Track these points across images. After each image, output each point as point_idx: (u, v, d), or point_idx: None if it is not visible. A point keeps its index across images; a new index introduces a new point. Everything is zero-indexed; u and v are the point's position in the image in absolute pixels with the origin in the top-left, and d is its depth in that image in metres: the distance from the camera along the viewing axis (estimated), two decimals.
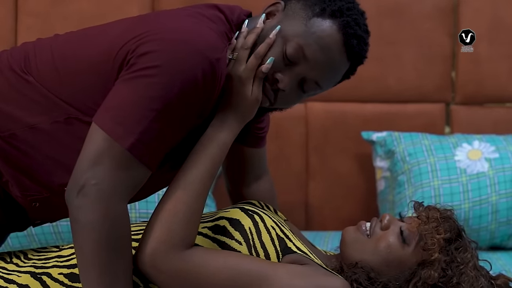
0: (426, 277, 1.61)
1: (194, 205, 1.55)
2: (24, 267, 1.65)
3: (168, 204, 1.54)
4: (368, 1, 2.80)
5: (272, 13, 1.64)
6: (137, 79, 1.48)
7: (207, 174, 1.58)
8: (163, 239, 1.51)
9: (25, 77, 1.60)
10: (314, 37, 1.58)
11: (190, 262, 1.52)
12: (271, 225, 1.66)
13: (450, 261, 1.63)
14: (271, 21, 1.63)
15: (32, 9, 2.91)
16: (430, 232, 1.65)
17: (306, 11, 1.60)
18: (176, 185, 1.56)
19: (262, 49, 1.59)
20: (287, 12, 1.62)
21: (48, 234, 2.42)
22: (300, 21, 1.59)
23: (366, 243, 1.68)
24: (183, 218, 1.53)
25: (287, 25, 1.60)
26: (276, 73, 1.60)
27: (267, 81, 1.62)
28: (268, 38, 1.60)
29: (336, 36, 1.59)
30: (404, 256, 1.65)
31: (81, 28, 1.72)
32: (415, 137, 2.75)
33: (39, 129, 1.57)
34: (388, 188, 2.75)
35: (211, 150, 1.59)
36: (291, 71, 1.60)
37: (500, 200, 2.55)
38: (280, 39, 1.59)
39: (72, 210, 1.46)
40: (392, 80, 2.91)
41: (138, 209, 2.43)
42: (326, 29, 1.59)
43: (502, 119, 2.93)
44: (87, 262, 1.47)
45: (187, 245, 1.53)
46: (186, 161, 1.59)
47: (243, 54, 1.60)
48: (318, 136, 2.93)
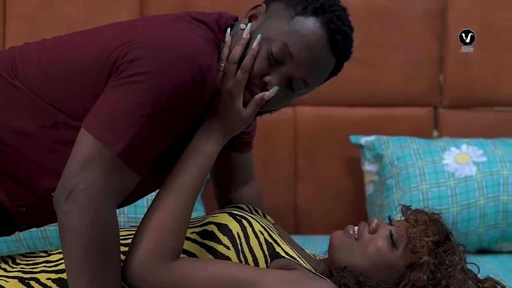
0: (415, 280, 1.62)
1: (181, 217, 1.55)
2: (12, 272, 1.64)
3: (155, 215, 1.54)
4: (357, 5, 2.84)
5: (254, 16, 1.65)
6: (127, 85, 1.48)
7: (193, 185, 1.58)
8: (150, 250, 1.51)
9: (12, 82, 1.60)
10: (298, 35, 1.59)
11: (177, 274, 1.52)
12: (259, 230, 1.66)
13: (438, 264, 1.64)
14: (254, 23, 1.64)
15: (20, 13, 2.90)
16: (418, 235, 1.66)
17: (288, 10, 1.60)
18: (162, 195, 1.57)
19: (248, 62, 1.60)
20: (269, 14, 1.63)
21: (37, 239, 2.41)
22: (283, 21, 1.60)
23: (354, 247, 1.69)
24: (170, 229, 1.53)
25: (270, 26, 1.61)
26: (264, 76, 1.61)
27: (254, 86, 1.62)
28: (251, 49, 1.60)
29: (320, 33, 1.60)
30: (393, 259, 1.65)
31: (69, 33, 1.72)
32: (403, 141, 2.75)
33: (26, 134, 1.57)
34: (376, 192, 2.75)
35: (198, 161, 1.60)
36: (278, 72, 1.61)
37: (488, 204, 2.55)
38: (265, 41, 1.60)
39: (60, 215, 1.46)
40: (380, 84, 2.92)
41: (127, 213, 2.43)
42: (310, 26, 1.59)
43: (490, 122, 2.94)
44: (75, 267, 1.47)
45: (174, 256, 1.53)
46: (172, 172, 1.60)
47: (230, 68, 1.61)
48: (306, 140, 2.93)
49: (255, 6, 1.65)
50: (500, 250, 2.64)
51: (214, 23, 1.64)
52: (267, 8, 1.64)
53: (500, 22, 2.90)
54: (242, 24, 1.65)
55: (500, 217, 2.56)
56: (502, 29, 2.90)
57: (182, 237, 1.56)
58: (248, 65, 1.60)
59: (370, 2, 2.90)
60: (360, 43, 2.91)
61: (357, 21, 1.70)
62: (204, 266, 1.55)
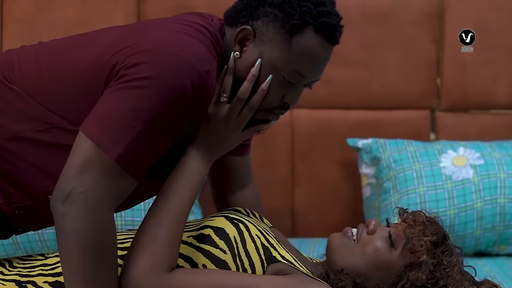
0: (414, 279, 1.62)
1: (174, 231, 1.56)
2: (9, 275, 1.64)
3: (149, 228, 1.55)
4: (353, 7, 2.83)
5: (243, 39, 1.63)
6: (127, 90, 1.48)
7: (185, 202, 1.59)
8: (146, 262, 1.51)
9: (9, 86, 1.60)
10: (303, 57, 1.61)
11: (172, 286, 1.52)
12: (256, 234, 1.66)
13: (437, 264, 1.64)
14: (248, 50, 1.63)
15: (18, 16, 2.90)
16: (417, 235, 1.66)
17: (282, 34, 1.60)
18: (155, 210, 1.57)
19: (256, 101, 1.63)
20: (262, 38, 1.61)
21: (34, 242, 2.41)
22: (282, 48, 1.60)
23: (353, 248, 1.69)
24: (164, 242, 1.53)
25: (271, 54, 1.61)
26: (284, 96, 1.65)
27: (277, 109, 1.67)
28: (261, 90, 1.62)
29: (318, 41, 1.61)
30: (391, 259, 1.65)
31: (66, 36, 1.71)
32: (400, 144, 2.75)
33: (23, 138, 1.57)
34: (373, 195, 2.75)
35: (189, 179, 1.61)
36: (294, 90, 1.65)
37: (485, 207, 2.55)
38: (273, 71, 1.61)
39: (57, 218, 1.46)
40: (377, 87, 2.92)
41: (124, 217, 2.43)
42: (309, 42, 1.60)
43: (487, 125, 2.94)
44: (72, 270, 1.46)
45: (169, 267, 1.53)
46: (164, 188, 1.61)
47: (237, 105, 1.63)
48: (304, 143, 2.93)
49: (240, 30, 1.62)
50: (497, 253, 2.64)
51: (209, 25, 1.63)
52: (254, 31, 1.62)
53: (496, 24, 2.90)
54: (236, 53, 1.63)
55: (497, 220, 2.56)
56: (499, 32, 2.90)
57: (176, 250, 1.56)
58: (256, 104, 1.63)
59: (366, 5, 2.90)
60: (357, 46, 2.91)
61: (354, 24, 1.71)
62: (199, 277, 1.55)
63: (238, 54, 1.63)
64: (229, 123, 1.64)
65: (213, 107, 1.63)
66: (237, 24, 1.64)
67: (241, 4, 1.65)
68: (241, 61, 1.63)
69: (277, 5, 1.60)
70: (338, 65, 2.76)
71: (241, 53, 1.63)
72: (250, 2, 1.63)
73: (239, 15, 1.64)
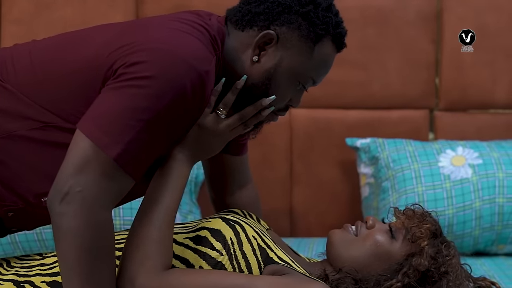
0: (417, 264, 1.63)
1: (165, 230, 1.55)
2: (7, 275, 1.64)
3: (140, 228, 1.54)
4: (352, 8, 2.84)
5: (263, 43, 1.63)
6: (126, 89, 1.47)
7: (173, 202, 1.58)
8: (140, 262, 1.51)
9: (2, 84, 1.58)
10: (320, 64, 1.66)
11: (168, 285, 1.51)
12: (253, 235, 1.66)
13: (437, 251, 1.66)
14: (267, 54, 1.62)
15: (16, 17, 2.90)
16: (416, 224, 1.69)
17: (306, 42, 1.62)
18: (145, 210, 1.57)
19: (251, 123, 1.68)
20: (285, 44, 1.62)
21: (32, 241, 2.42)
22: (305, 55, 1.63)
23: (354, 241, 1.71)
24: (157, 240, 1.53)
25: (291, 60, 1.62)
26: (291, 99, 1.68)
27: (280, 111, 1.70)
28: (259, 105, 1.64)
29: (331, 48, 1.67)
30: (393, 250, 1.67)
31: (60, 33, 1.70)
32: (399, 144, 2.76)
33: (17, 136, 1.56)
34: (372, 195, 2.75)
35: (176, 181, 1.60)
36: (301, 92, 1.69)
37: (483, 206, 2.56)
38: (290, 75, 1.63)
39: (54, 217, 1.45)
40: (376, 87, 2.92)
41: (122, 216, 2.43)
42: (326, 50, 1.65)
43: (486, 125, 2.94)
44: (69, 269, 1.45)
45: (164, 266, 1.53)
46: (151, 189, 1.60)
47: (236, 123, 1.65)
48: (302, 143, 2.93)
49: (264, 34, 1.61)
50: (496, 252, 2.64)
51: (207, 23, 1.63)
52: (278, 37, 1.61)
53: (495, 25, 2.90)
54: (255, 57, 1.62)
55: (496, 219, 2.56)
56: (497, 33, 2.90)
57: (169, 249, 1.55)
58: (251, 125, 1.69)
59: (365, 5, 2.90)
60: (356, 47, 2.92)
61: (352, 25, 1.71)
62: (195, 277, 1.54)
63: (257, 57, 1.63)
64: (223, 136, 1.66)
65: (206, 118, 1.63)
66: (252, 27, 1.63)
67: (258, 8, 1.63)
68: (256, 66, 1.63)
69: (303, 13, 1.61)
70: (337, 65, 2.75)
71: (260, 57, 1.63)
72: (272, 7, 1.62)
73: (256, 18, 1.63)
